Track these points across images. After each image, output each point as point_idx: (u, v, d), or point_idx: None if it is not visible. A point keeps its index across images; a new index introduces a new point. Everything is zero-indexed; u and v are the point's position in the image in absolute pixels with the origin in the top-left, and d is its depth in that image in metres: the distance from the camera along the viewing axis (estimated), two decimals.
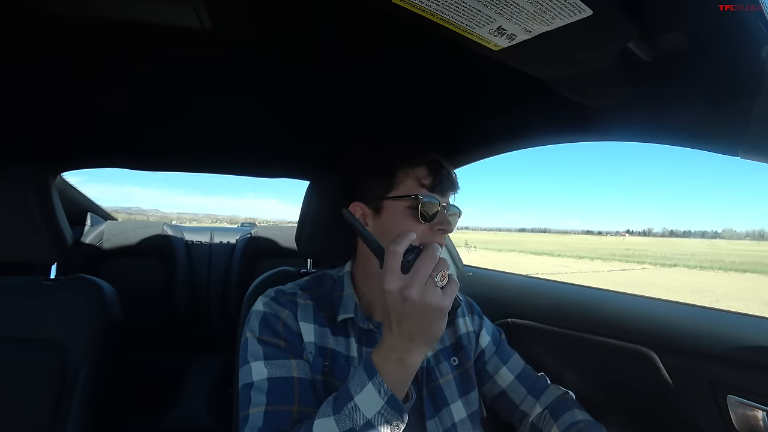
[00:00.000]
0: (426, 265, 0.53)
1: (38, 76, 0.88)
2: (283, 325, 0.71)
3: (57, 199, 1.05)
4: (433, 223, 0.71)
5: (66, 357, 0.98)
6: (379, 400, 0.54)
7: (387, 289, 0.54)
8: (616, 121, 0.77)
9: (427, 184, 0.73)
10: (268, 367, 0.66)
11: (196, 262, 2.15)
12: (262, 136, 1.30)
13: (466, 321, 0.88)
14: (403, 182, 0.74)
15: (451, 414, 0.76)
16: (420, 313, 0.53)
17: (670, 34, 0.52)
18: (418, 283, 0.52)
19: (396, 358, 0.55)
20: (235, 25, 0.71)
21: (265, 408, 0.62)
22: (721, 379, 0.77)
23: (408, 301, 0.52)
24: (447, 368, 0.80)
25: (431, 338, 0.55)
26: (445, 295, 0.53)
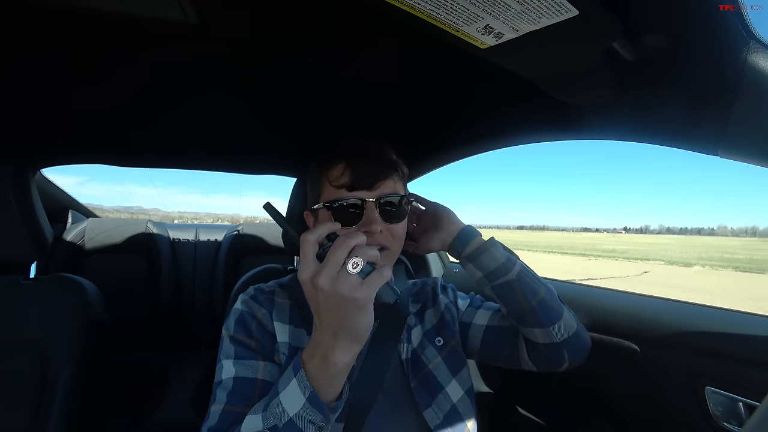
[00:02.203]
0: (337, 251, 0.50)
1: (16, 68, 0.85)
2: (257, 324, 0.69)
3: (36, 196, 1.02)
4: (359, 225, 0.67)
5: (47, 359, 0.96)
6: (300, 397, 0.52)
7: (300, 278, 0.52)
8: (600, 120, 0.78)
9: (345, 182, 0.67)
10: (236, 366, 0.65)
11: (181, 260, 2.12)
12: (247, 132, 1.29)
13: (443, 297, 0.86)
14: (324, 189, 0.70)
15: (449, 396, 0.74)
16: (334, 304, 0.50)
17: (653, 34, 0.53)
18: (328, 271, 0.49)
19: (320, 355, 0.53)
20: (220, 19, 0.70)
21: (224, 407, 0.62)
22: (700, 371, 0.80)
23: (318, 291, 0.50)
24: (433, 352, 0.78)
25: (355, 334, 0.52)
26: (363, 285, 0.50)
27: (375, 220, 0.66)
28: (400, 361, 0.75)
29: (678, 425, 0.84)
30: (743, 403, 0.74)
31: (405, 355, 0.76)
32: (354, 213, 0.67)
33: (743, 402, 0.74)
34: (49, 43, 0.76)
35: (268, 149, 1.42)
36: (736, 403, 0.75)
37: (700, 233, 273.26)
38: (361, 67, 0.87)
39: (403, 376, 0.74)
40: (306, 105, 1.09)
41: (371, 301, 0.51)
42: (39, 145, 1.29)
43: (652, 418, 0.90)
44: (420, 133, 1.19)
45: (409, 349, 0.77)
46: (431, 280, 0.91)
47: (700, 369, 0.80)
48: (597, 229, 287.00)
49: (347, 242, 0.51)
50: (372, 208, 0.67)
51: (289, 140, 1.33)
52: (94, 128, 1.19)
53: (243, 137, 1.32)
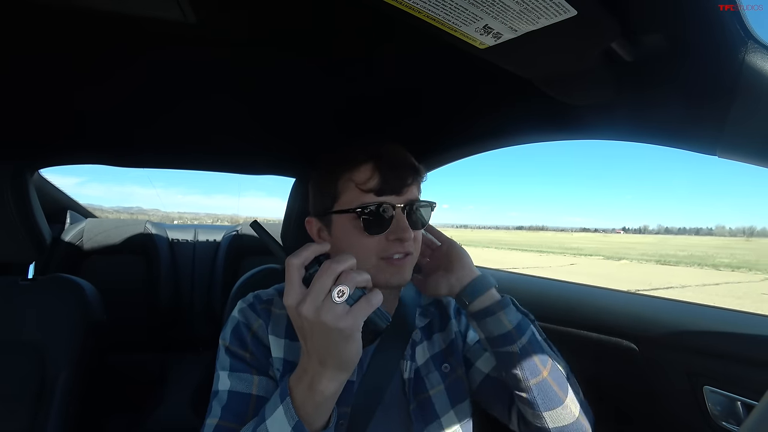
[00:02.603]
0: (322, 278, 0.48)
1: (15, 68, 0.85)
2: (252, 336, 0.67)
3: (34, 196, 1.02)
4: (387, 233, 0.64)
5: (45, 359, 0.96)
6: (286, 426, 0.50)
7: (285, 303, 0.50)
8: (598, 120, 0.78)
9: (373, 187, 0.64)
10: (231, 379, 0.64)
11: (180, 260, 2.12)
12: (246, 133, 1.29)
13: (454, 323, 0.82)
14: (345, 191, 0.66)
15: (442, 427, 0.71)
16: (319, 333, 0.48)
17: (652, 35, 0.53)
18: (312, 298, 0.48)
19: (307, 382, 0.51)
20: (219, 20, 0.70)
21: (218, 422, 0.61)
22: (698, 370, 0.80)
23: (302, 318, 0.48)
24: (437, 378, 0.74)
25: (343, 363, 0.50)
26: (349, 314, 0.47)
27: (407, 228, 0.64)
28: (402, 380, 0.73)
29: (676, 424, 0.85)
30: (741, 402, 0.74)
31: (408, 374, 0.73)
32: (385, 219, 0.63)
33: (741, 401, 0.74)
34: (47, 42, 0.76)
35: (267, 149, 1.42)
36: (735, 403, 0.75)
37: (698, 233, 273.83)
38: (360, 67, 0.87)
39: (403, 396, 0.72)
40: (305, 105, 1.09)
41: (358, 330, 0.49)
42: (37, 146, 1.28)
43: (650, 418, 0.90)
44: (419, 133, 1.19)
45: (412, 367, 0.73)
46: (445, 299, 0.85)
47: (698, 368, 0.80)
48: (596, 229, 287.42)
49: (333, 268, 0.49)
50: (401, 214, 0.64)
51: (287, 140, 1.33)
52: (93, 128, 1.19)
53: (242, 137, 1.32)
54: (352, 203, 0.64)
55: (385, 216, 0.63)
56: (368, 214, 0.63)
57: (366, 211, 0.63)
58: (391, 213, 0.64)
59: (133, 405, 1.80)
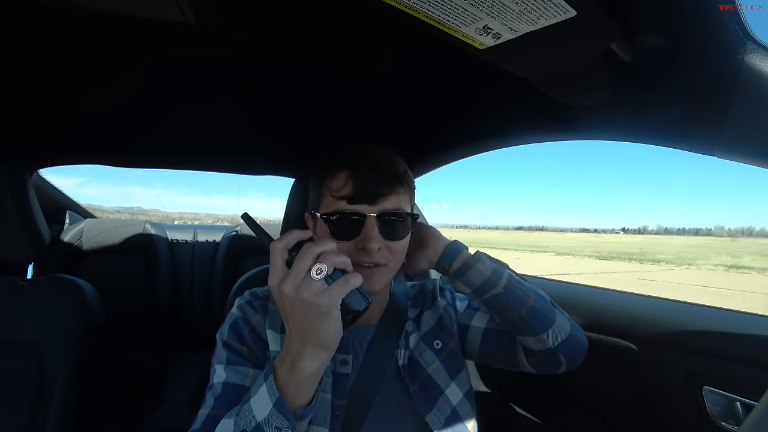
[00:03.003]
0: (302, 258, 0.51)
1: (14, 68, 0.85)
2: (250, 330, 0.69)
3: (33, 196, 1.02)
4: (355, 241, 0.64)
5: (44, 360, 0.96)
6: (268, 403, 0.52)
7: (269, 284, 0.53)
8: (598, 120, 0.78)
9: (345, 194, 0.64)
10: (227, 372, 0.65)
11: (179, 261, 2.12)
12: (246, 133, 1.29)
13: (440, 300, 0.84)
14: (324, 196, 0.67)
15: (449, 400, 0.74)
16: (298, 310, 0.50)
17: (651, 35, 0.53)
18: (293, 277, 0.50)
19: (289, 362, 0.53)
20: (218, 20, 0.70)
21: (210, 411, 0.62)
22: (697, 371, 0.80)
23: (284, 296, 0.51)
24: (431, 356, 0.77)
25: (323, 341, 0.52)
26: (326, 291, 0.50)
27: (373, 238, 0.63)
28: (397, 367, 0.75)
29: (675, 425, 0.85)
30: (741, 402, 0.74)
31: (402, 361, 0.75)
32: (352, 227, 0.64)
33: (741, 401, 0.74)
34: (46, 43, 0.76)
35: (266, 150, 1.42)
36: (734, 403, 0.75)
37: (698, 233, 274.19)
38: (360, 67, 0.87)
39: (401, 383, 0.74)
40: (304, 106, 1.09)
41: (336, 308, 0.51)
42: (36, 146, 1.28)
43: (650, 418, 0.90)
44: (419, 133, 1.19)
45: (406, 354, 0.76)
46: (430, 282, 0.90)
47: (697, 368, 0.80)
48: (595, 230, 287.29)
49: (312, 249, 0.51)
50: (372, 224, 0.63)
51: (287, 141, 1.33)
52: (92, 129, 1.19)
53: (241, 138, 1.32)
54: (327, 209, 0.66)
55: (353, 225, 0.64)
56: (335, 222, 0.65)
57: (332, 219, 0.65)
58: (361, 222, 0.64)
59: (132, 405, 1.80)
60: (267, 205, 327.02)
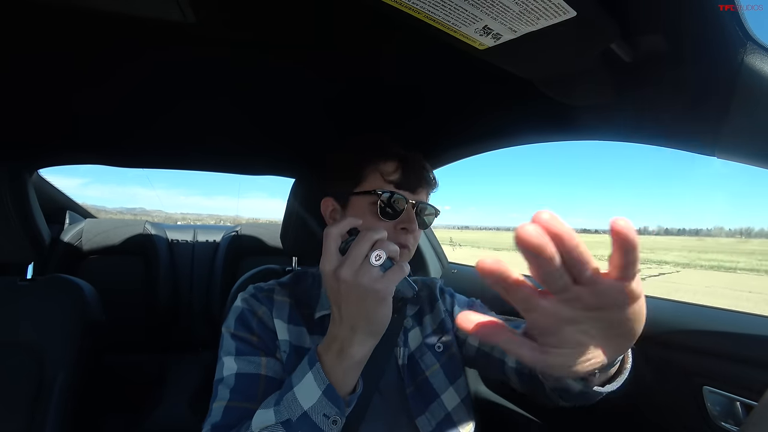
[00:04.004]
0: (360, 244, 0.51)
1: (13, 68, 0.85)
2: (258, 321, 0.70)
3: (33, 196, 1.02)
4: (396, 221, 0.70)
5: (43, 360, 0.96)
6: (316, 390, 0.52)
7: (322, 270, 0.53)
8: (597, 120, 0.78)
9: (394, 179, 0.71)
10: (238, 362, 0.65)
11: (179, 261, 2.12)
12: (245, 133, 1.28)
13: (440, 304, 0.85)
14: (369, 177, 0.72)
15: (443, 405, 0.74)
16: (355, 296, 0.51)
17: (651, 36, 0.53)
18: (351, 262, 0.51)
19: (337, 349, 0.53)
20: (219, 20, 0.70)
21: (227, 403, 0.62)
22: (697, 370, 0.80)
23: (341, 282, 0.51)
24: (432, 359, 0.78)
25: (374, 327, 0.53)
26: (384, 278, 0.51)
27: (413, 219, 0.71)
28: (396, 366, 0.75)
29: (675, 425, 0.85)
30: (741, 402, 0.74)
31: (402, 360, 0.75)
32: (398, 208, 0.70)
33: (741, 401, 0.74)
34: (45, 42, 0.76)
35: (266, 150, 1.42)
36: (734, 403, 0.75)
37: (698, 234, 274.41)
38: (360, 68, 0.87)
39: (400, 381, 0.74)
40: (304, 106, 1.09)
41: (391, 294, 0.52)
42: (36, 146, 1.28)
43: (649, 418, 0.90)
44: (419, 133, 1.19)
45: (405, 353, 0.76)
46: (430, 280, 0.90)
47: (697, 368, 0.80)
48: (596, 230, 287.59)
49: (370, 236, 0.52)
50: (411, 209, 0.72)
51: (287, 141, 1.33)
52: (91, 129, 1.19)
53: (241, 138, 1.32)
54: (376, 187, 0.71)
55: (398, 206, 0.70)
56: (386, 200, 0.69)
57: (386, 196, 0.69)
58: (403, 205, 0.71)
59: (131, 405, 1.80)
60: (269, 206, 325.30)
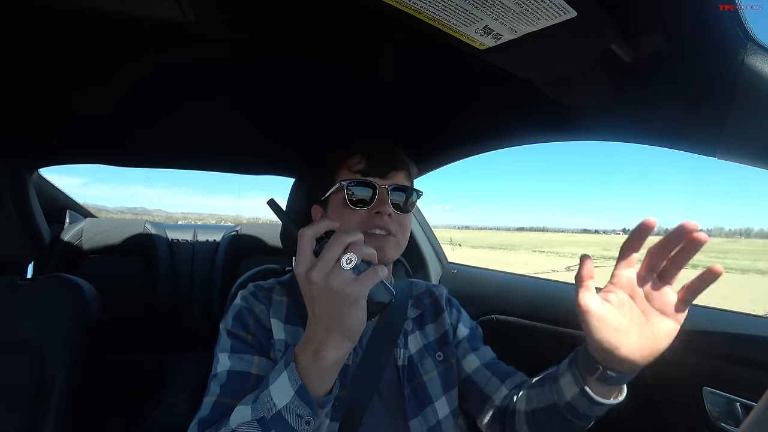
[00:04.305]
0: (332, 247, 0.50)
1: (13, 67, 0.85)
2: (254, 319, 0.71)
3: (34, 196, 1.02)
4: (369, 207, 0.71)
5: (44, 359, 0.96)
6: (290, 390, 0.52)
7: (296, 272, 0.53)
8: (598, 121, 0.78)
9: (360, 169, 0.73)
10: (232, 359, 0.66)
11: (179, 260, 2.12)
12: (245, 133, 1.28)
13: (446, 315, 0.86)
14: (339, 175, 0.74)
15: (436, 411, 0.75)
16: (326, 299, 0.50)
17: (651, 36, 0.53)
18: (322, 265, 0.50)
19: (312, 350, 0.53)
20: (220, 20, 0.70)
21: (216, 398, 0.62)
22: (697, 371, 0.80)
23: (312, 285, 0.50)
24: (431, 364, 0.79)
25: (349, 330, 0.52)
26: (356, 282, 0.50)
27: (386, 202, 0.71)
28: (396, 366, 0.76)
29: (675, 425, 0.84)
30: (740, 403, 0.74)
31: (401, 361, 0.76)
32: (367, 194, 0.71)
33: (740, 402, 0.74)
34: (46, 42, 0.76)
35: (266, 150, 1.42)
36: (733, 404, 0.75)
37: None
38: (360, 68, 0.87)
39: (398, 382, 0.75)
40: (303, 107, 1.09)
41: (364, 298, 0.51)
42: (36, 145, 1.28)
43: (649, 419, 0.90)
44: (419, 133, 1.19)
45: (405, 355, 0.77)
46: (435, 288, 0.90)
47: (697, 369, 0.80)
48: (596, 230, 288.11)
49: (343, 238, 0.51)
50: (384, 192, 0.72)
51: (286, 141, 1.33)
52: (92, 128, 1.19)
53: (241, 138, 1.32)
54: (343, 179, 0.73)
55: (368, 191, 0.72)
56: (353, 188, 0.71)
57: (351, 184, 0.71)
58: (374, 189, 0.72)
59: (131, 405, 1.80)
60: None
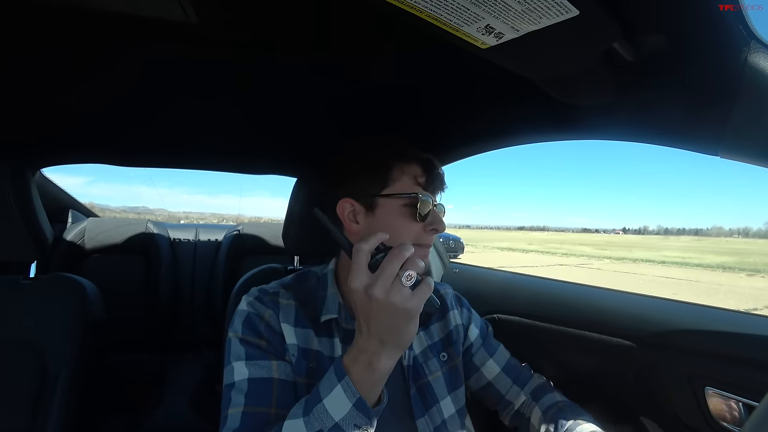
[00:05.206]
0: (392, 263, 0.52)
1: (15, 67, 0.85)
2: (265, 325, 0.70)
3: (36, 195, 1.02)
4: (426, 222, 0.71)
5: (46, 359, 0.96)
6: (347, 402, 0.54)
7: (352, 287, 0.53)
8: (600, 120, 0.78)
9: (422, 182, 0.72)
10: (249, 367, 0.65)
11: (181, 260, 2.12)
12: (247, 133, 1.29)
13: (455, 314, 0.87)
14: (398, 179, 0.71)
15: (441, 411, 0.75)
16: (386, 314, 0.52)
17: (653, 35, 0.53)
18: (383, 281, 0.51)
19: (365, 361, 0.54)
20: (221, 19, 0.70)
21: (243, 409, 0.62)
22: (699, 371, 0.80)
23: (372, 300, 0.51)
24: (436, 365, 0.79)
25: (402, 342, 0.54)
26: (414, 296, 0.52)
27: (441, 220, 0.73)
28: (401, 366, 0.76)
29: (677, 425, 0.84)
30: (743, 403, 0.74)
31: (407, 361, 0.76)
32: (427, 210, 0.71)
33: (743, 402, 0.74)
34: (47, 42, 0.76)
35: (268, 150, 1.42)
36: (736, 404, 0.75)
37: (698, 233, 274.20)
38: (361, 67, 0.87)
39: (404, 382, 0.75)
40: (305, 107, 1.09)
41: (420, 311, 0.53)
42: (38, 145, 1.29)
43: (651, 418, 0.90)
44: (419, 133, 1.19)
45: (411, 355, 0.77)
46: (440, 287, 0.91)
47: (699, 369, 0.80)
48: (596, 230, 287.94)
49: (402, 254, 0.52)
50: (436, 210, 0.73)
51: (289, 141, 1.33)
52: (95, 128, 1.19)
53: (243, 138, 1.32)
54: (408, 191, 0.71)
55: (428, 207, 0.71)
56: (423, 203, 0.71)
57: (423, 199, 0.70)
58: (430, 207, 0.72)
59: (132, 405, 1.80)
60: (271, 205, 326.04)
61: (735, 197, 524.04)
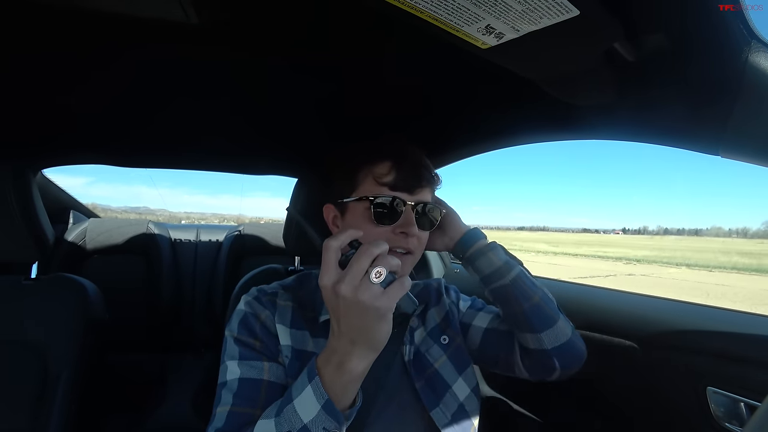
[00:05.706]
0: (360, 260, 0.50)
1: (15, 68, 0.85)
2: (261, 325, 0.69)
3: (37, 196, 1.02)
4: (394, 225, 0.68)
5: (47, 359, 0.96)
6: (315, 404, 0.52)
7: (320, 284, 0.52)
8: (601, 120, 0.78)
9: (388, 181, 0.68)
10: (241, 367, 0.65)
11: (181, 260, 2.12)
12: (247, 133, 1.29)
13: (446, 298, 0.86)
14: (363, 182, 0.70)
15: (455, 395, 0.74)
16: (355, 312, 0.50)
17: (654, 35, 0.53)
18: (350, 279, 0.49)
19: (336, 362, 0.53)
20: (222, 21, 0.70)
21: (230, 408, 0.61)
22: (701, 371, 0.80)
23: (340, 298, 0.50)
24: (438, 351, 0.78)
25: (374, 343, 0.52)
26: (385, 295, 0.50)
27: (412, 223, 0.68)
28: (402, 363, 0.75)
29: (679, 425, 0.84)
30: (745, 403, 0.74)
31: (408, 356, 0.75)
32: (394, 212, 0.68)
33: (745, 402, 0.74)
34: (48, 42, 0.76)
35: (268, 150, 1.42)
36: (738, 404, 0.74)
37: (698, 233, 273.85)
38: (362, 68, 0.87)
39: (407, 378, 0.74)
40: (305, 107, 1.09)
41: (392, 311, 0.51)
42: (39, 145, 1.29)
43: (653, 419, 0.90)
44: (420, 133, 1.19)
45: (411, 350, 0.76)
46: (435, 281, 0.91)
47: (701, 369, 0.80)
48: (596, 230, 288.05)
49: (371, 251, 0.50)
50: (410, 210, 0.69)
51: (289, 141, 1.33)
52: (95, 129, 1.19)
53: (243, 138, 1.32)
54: (368, 193, 0.69)
55: (395, 209, 0.68)
56: (380, 205, 0.67)
57: (378, 201, 0.67)
58: (401, 208, 0.68)
59: (133, 405, 1.80)
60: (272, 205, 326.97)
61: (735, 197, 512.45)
